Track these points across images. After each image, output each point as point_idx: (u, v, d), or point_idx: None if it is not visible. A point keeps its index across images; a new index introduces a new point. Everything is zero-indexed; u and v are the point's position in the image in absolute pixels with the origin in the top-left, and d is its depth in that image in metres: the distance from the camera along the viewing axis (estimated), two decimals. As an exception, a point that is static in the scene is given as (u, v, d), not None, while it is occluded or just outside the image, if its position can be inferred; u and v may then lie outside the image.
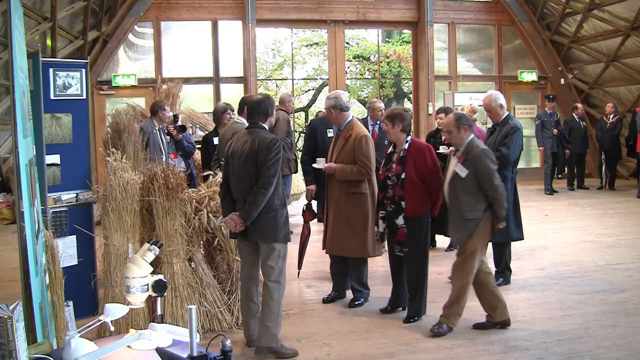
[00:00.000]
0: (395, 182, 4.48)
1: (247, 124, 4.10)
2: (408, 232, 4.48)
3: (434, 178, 4.45)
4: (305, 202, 5.75)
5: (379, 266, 5.93)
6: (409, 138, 4.53)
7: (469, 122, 4.24)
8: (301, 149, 8.46)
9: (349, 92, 17.12)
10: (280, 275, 3.92)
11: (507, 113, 5.33)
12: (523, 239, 5.47)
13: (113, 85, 11.30)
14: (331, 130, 8.79)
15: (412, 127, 4.57)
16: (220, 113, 6.27)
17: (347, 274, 5.06)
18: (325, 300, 5.10)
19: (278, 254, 3.91)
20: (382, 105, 7.08)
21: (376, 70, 16.57)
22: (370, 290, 5.10)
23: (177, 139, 6.58)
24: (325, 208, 5.08)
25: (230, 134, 5.22)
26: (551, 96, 11.92)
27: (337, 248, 4.91)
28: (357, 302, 4.94)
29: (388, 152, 4.68)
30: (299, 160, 7.80)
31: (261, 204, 3.80)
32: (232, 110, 6.28)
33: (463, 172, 4.11)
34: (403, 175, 4.44)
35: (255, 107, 4.00)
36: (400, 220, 4.48)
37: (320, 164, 4.94)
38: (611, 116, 11.44)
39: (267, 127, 4.01)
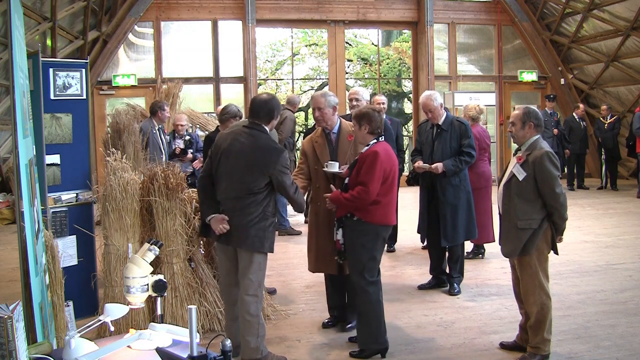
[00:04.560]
0: (341, 187, 4.00)
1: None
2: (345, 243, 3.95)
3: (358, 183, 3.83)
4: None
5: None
6: (373, 142, 3.90)
7: (537, 121, 3.75)
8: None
9: (347, 91, 17.07)
10: (258, 288, 3.67)
11: (446, 112, 5.23)
12: (476, 237, 5.47)
13: (113, 85, 11.31)
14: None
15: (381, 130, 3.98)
16: (230, 116, 6.15)
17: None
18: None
19: (258, 266, 3.66)
20: (384, 99, 6.60)
21: (376, 72, 16.54)
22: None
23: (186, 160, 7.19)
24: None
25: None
26: (552, 96, 11.93)
27: None
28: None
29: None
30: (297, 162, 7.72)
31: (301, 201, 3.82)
32: (241, 117, 6.22)
33: (521, 175, 3.68)
34: (346, 181, 3.95)
35: (262, 107, 3.68)
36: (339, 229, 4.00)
37: (333, 167, 4.20)
38: (608, 117, 11.45)
39: (268, 131, 3.71)
